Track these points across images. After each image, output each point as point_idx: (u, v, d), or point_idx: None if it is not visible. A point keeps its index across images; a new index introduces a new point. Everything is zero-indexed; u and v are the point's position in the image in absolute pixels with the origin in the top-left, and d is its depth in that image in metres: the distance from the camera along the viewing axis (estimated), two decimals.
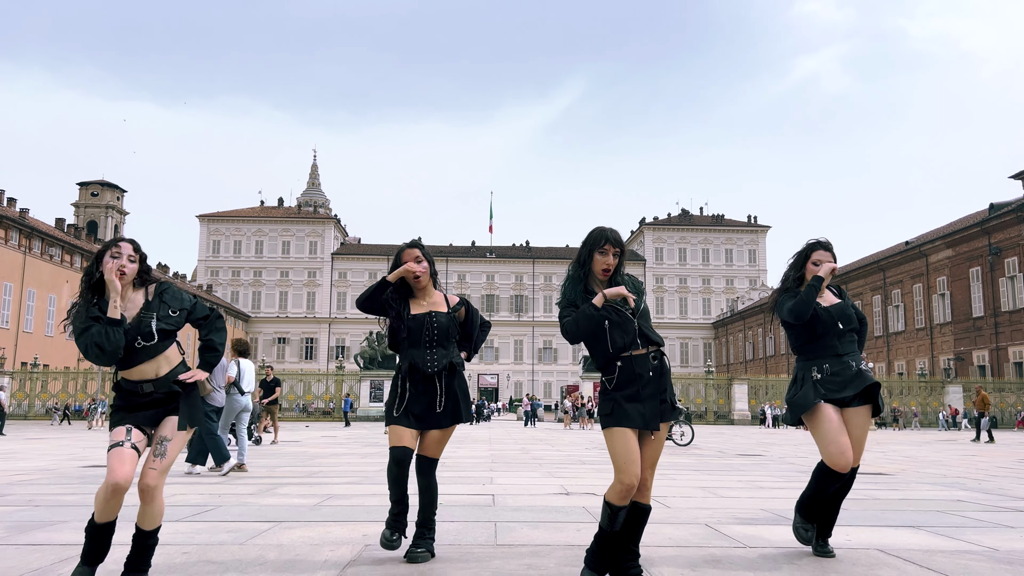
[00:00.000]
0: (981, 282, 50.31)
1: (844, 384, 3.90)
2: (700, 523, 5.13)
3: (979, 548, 4.30)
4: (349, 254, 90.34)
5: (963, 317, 52.07)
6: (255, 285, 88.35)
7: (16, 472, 9.08)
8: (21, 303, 51.52)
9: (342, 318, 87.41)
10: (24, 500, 6.21)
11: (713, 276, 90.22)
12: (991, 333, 49.25)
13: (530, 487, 7.58)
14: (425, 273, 3.87)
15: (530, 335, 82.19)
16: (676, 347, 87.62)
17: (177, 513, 5.40)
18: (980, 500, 6.85)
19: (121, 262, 3.07)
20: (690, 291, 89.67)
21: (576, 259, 3.42)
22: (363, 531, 4.64)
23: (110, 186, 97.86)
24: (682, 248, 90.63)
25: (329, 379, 49.25)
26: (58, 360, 53.81)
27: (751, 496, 6.98)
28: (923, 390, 48.35)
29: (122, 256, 3.08)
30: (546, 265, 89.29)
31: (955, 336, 52.91)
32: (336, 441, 19.01)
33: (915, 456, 14.18)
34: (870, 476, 9.51)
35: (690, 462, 11.87)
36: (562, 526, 4.97)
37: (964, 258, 52.14)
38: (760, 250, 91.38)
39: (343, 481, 8.06)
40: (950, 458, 13.63)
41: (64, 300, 56.50)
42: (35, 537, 4.38)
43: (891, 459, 13.34)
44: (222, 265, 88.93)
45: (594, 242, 3.32)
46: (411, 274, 3.81)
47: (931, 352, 55.45)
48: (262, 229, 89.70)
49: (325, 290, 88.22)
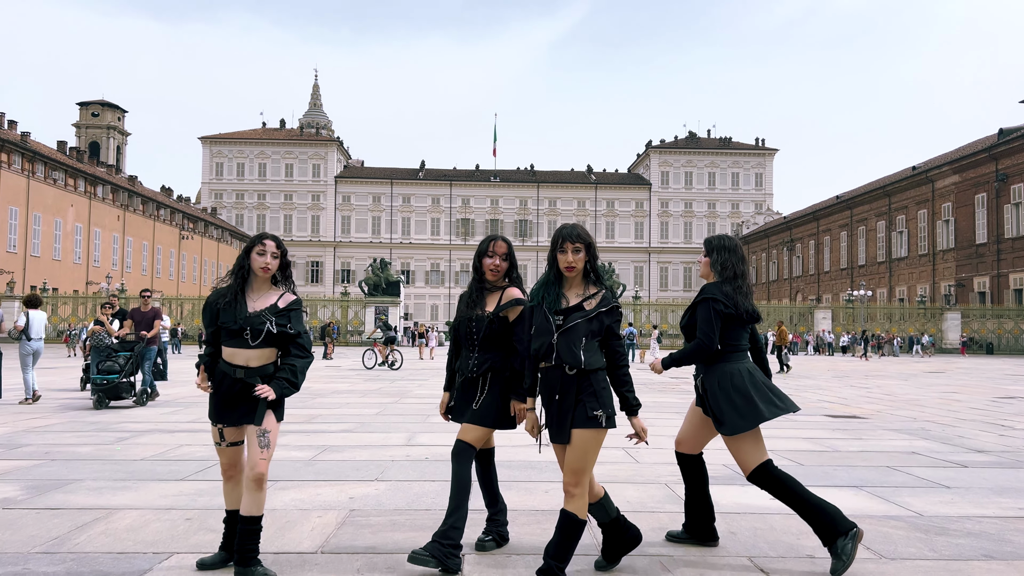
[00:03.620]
0: (986, 208, 50.15)
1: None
2: (660, 483, 5.58)
3: (906, 513, 4.74)
4: (353, 177, 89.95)
5: (966, 244, 52.13)
6: (259, 208, 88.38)
7: (33, 415, 9.62)
8: (27, 227, 51.91)
9: (347, 242, 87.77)
10: (41, 452, 6.70)
11: (719, 200, 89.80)
12: (993, 260, 49.38)
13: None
14: (496, 273, 3.78)
15: (534, 260, 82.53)
16: (680, 272, 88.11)
17: (182, 470, 5.88)
18: (934, 452, 7.31)
19: (266, 260, 3.47)
20: (695, 215, 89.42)
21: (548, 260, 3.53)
22: (350, 494, 5.10)
23: (111, 106, 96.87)
24: (688, 172, 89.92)
25: (334, 305, 49.97)
26: (67, 284, 54.62)
27: (721, 448, 7.24)
28: (921, 316, 48.87)
29: (266, 254, 3.47)
30: (551, 190, 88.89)
31: (957, 263, 53.08)
32: (339, 374, 19.62)
33: (896, 394, 14.69)
34: (843, 420, 10.00)
35: (674, 402, 12.35)
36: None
37: (970, 184, 51.82)
38: (767, 174, 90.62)
39: (340, 428, 8.56)
40: (929, 397, 14.11)
41: (69, 224, 56.86)
42: (53, 500, 4.84)
43: (872, 397, 13.87)
44: (225, 188, 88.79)
45: (554, 243, 3.41)
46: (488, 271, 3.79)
47: (932, 278, 55.72)
48: (264, 151, 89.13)
49: (329, 213, 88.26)
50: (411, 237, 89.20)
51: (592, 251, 3.38)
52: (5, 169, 49.52)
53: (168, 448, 7.00)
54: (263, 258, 3.47)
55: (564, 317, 3.30)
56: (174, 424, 8.84)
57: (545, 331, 3.30)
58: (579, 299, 3.35)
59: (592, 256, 3.38)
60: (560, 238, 3.38)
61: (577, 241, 3.34)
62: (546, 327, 3.30)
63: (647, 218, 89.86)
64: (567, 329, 3.27)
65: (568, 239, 3.35)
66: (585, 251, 3.35)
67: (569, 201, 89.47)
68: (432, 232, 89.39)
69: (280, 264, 3.55)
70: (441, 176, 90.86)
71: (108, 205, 62.43)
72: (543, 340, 3.29)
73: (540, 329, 3.32)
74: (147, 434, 7.95)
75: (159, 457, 6.52)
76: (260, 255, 3.48)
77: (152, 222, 69.72)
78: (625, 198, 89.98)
